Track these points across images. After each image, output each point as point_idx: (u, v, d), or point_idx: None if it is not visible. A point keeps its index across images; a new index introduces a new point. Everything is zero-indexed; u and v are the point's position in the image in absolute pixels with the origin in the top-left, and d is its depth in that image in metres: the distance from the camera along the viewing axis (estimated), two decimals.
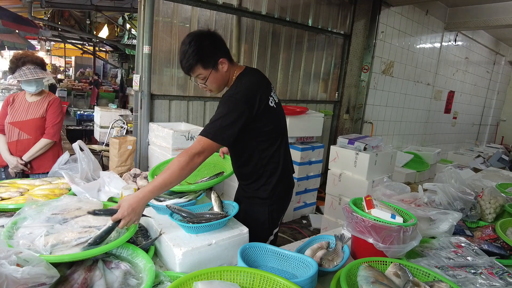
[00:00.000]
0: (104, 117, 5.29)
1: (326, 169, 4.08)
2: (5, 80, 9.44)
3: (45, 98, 2.56)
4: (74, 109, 8.28)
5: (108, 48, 13.63)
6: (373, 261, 1.25)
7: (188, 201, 1.65)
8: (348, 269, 1.17)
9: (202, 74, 1.59)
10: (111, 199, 1.73)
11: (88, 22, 9.37)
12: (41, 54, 11.74)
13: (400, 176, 5.26)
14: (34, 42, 11.77)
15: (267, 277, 1.09)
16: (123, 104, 8.80)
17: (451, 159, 7.58)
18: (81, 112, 7.63)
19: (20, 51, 3.24)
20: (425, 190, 2.02)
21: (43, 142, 2.51)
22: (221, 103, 1.56)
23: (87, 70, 15.65)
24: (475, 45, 8.27)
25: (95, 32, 10.06)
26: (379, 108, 6.13)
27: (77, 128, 6.89)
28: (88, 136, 6.49)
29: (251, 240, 1.39)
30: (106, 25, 10.13)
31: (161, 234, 1.42)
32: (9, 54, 11.19)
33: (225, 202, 1.66)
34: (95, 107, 6.35)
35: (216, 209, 1.58)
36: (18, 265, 0.96)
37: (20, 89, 2.83)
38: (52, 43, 14.38)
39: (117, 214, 1.26)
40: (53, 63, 16.85)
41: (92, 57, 14.15)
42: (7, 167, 2.52)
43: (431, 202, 1.90)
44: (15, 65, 2.40)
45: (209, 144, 1.46)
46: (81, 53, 15.32)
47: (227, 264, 1.43)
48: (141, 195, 1.31)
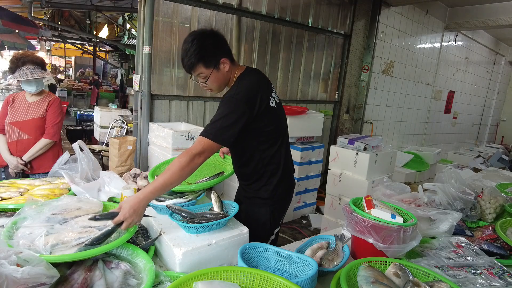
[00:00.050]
0: (104, 117, 5.29)
1: (326, 169, 4.08)
2: (5, 80, 9.44)
3: (45, 98, 2.56)
4: (74, 109, 8.29)
5: (108, 48, 13.63)
6: (373, 261, 1.25)
7: (188, 201, 1.65)
8: (348, 269, 1.17)
9: (203, 73, 1.59)
10: (111, 199, 1.73)
11: (88, 22, 9.38)
12: (41, 54, 11.73)
13: (400, 176, 5.26)
14: (34, 42, 11.77)
15: (267, 277, 1.09)
16: (123, 104, 8.80)
17: (451, 159, 7.58)
18: (81, 112, 7.64)
19: (20, 51, 3.24)
20: (425, 190, 2.02)
21: (43, 142, 2.51)
22: (222, 104, 1.55)
23: (87, 70, 15.65)
24: (475, 45, 8.27)
25: (95, 32, 10.06)
26: (379, 108, 6.13)
27: (77, 128, 6.89)
28: (88, 136, 6.49)
29: (252, 240, 1.39)
30: (106, 25, 10.13)
31: (161, 234, 1.42)
32: (9, 54, 11.19)
33: (225, 202, 1.66)
34: (95, 107, 6.36)
35: (216, 209, 1.58)
36: (18, 265, 0.96)
37: (20, 89, 2.83)
38: (52, 43, 14.39)
39: (118, 217, 1.25)
40: (53, 63, 16.86)
41: (92, 57, 14.15)
42: (7, 167, 2.52)
43: (431, 202, 1.90)
44: (15, 65, 2.40)
45: (209, 144, 1.46)
46: (81, 53, 15.33)
47: (227, 264, 1.43)
48: (142, 196, 1.31)
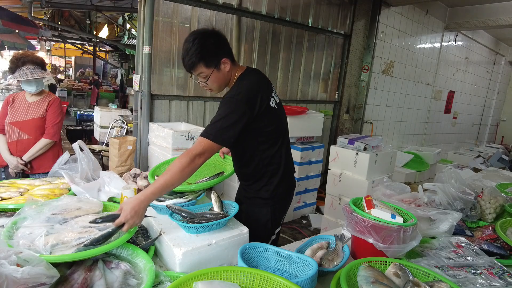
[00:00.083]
0: (104, 117, 5.29)
1: (326, 169, 4.08)
2: (5, 80, 9.44)
3: (45, 98, 2.56)
4: (74, 109, 8.29)
5: (108, 48, 13.63)
6: (373, 261, 1.25)
7: (188, 201, 1.65)
8: (348, 269, 1.17)
9: (203, 73, 1.58)
10: (111, 199, 1.73)
11: (88, 22, 9.38)
12: (41, 54, 11.74)
13: (400, 176, 5.26)
14: (34, 42, 11.77)
15: (267, 277, 1.09)
16: (123, 104, 8.80)
17: (451, 159, 7.58)
18: (81, 112, 7.64)
19: (20, 51, 3.24)
20: (425, 190, 2.02)
21: (43, 142, 2.50)
22: (222, 104, 1.55)
23: (87, 70, 15.65)
24: (475, 45, 8.27)
25: (95, 32, 10.06)
26: (379, 108, 6.13)
27: (77, 128, 6.89)
28: (88, 136, 6.49)
29: (253, 241, 1.39)
30: (106, 25, 10.13)
31: (161, 234, 1.42)
32: (9, 54, 11.19)
33: (225, 202, 1.66)
34: (95, 107, 6.36)
35: (216, 209, 1.58)
36: (18, 265, 0.96)
37: (20, 89, 2.82)
38: (52, 43, 14.39)
39: (120, 218, 1.25)
40: (53, 63, 16.85)
41: (92, 57, 14.15)
42: (7, 167, 2.52)
43: (431, 202, 1.90)
44: (15, 65, 2.40)
45: (210, 145, 1.46)
46: (81, 53, 15.34)
47: (227, 264, 1.43)
48: (142, 197, 1.31)
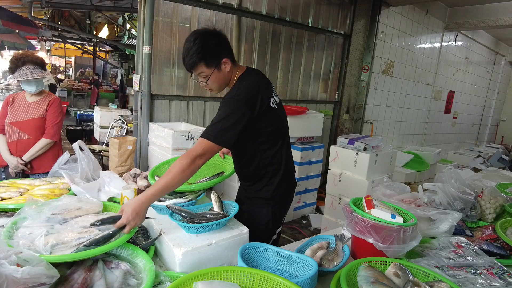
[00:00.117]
0: (104, 117, 5.29)
1: (326, 169, 4.08)
2: (5, 80, 9.44)
3: (45, 98, 2.56)
4: (74, 109, 8.29)
5: (108, 48, 13.63)
6: (373, 261, 1.25)
7: (188, 201, 1.65)
8: (348, 269, 1.17)
9: (204, 73, 1.59)
10: (111, 199, 1.73)
11: (88, 22, 9.37)
12: (41, 54, 11.74)
13: (400, 176, 5.26)
14: (34, 42, 11.77)
15: (267, 277, 1.09)
16: (123, 104, 8.80)
17: (451, 159, 7.58)
18: (81, 112, 7.64)
19: (20, 51, 3.24)
20: (425, 190, 2.02)
21: (43, 142, 2.50)
22: (223, 105, 1.55)
23: (87, 70, 15.65)
24: (475, 45, 8.27)
25: (95, 32, 10.06)
26: (379, 108, 6.13)
27: (77, 128, 6.89)
28: (88, 136, 6.49)
29: (255, 241, 1.39)
30: (106, 25, 10.13)
31: (161, 234, 1.42)
32: (9, 54, 11.20)
33: (225, 202, 1.66)
34: (95, 107, 6.36)
35: (216, 209, 1.58)
36: (18, 265, 0.96)
37: (20, 89, 2.82)
38: (52, 43, 14.39)
39: (121, 220, 1.26)
40: (53, 63, 16.86)
41: (92, 57, 14.15)
42: (7, 167, 2.52)
43: (431, 202, 1.90)
44: (15, 65, 2.40)
45: (210, 146, 1.46)
46: (81, 53, 15.34)
47: (227, 264, 1.43)
48: (143, 198, 1.32)
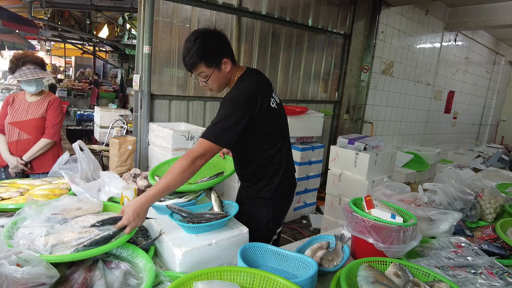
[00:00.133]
0: (104, 117, 5.29)
1: (326, 169, 4.08)
2: (5, 80, 9.44)
3: (45, 98, 2.56)
4: (74, 109, 8.29)
5: (108, 48, 13.63)
6: (373, 261, 1.25)
7: (188, 201, 1.65)
8: (348, 269, 1.17)
9: (204, 73, 1.58)
10: (111, 199, 1.73)
11: (88, 22, 9.37)
12: (41, 54, 11.74)
13: (400, 176, 5.25)
14: (34, 42, 11.77)
15: (267, 277, 1.09)
16: (123, 104, 8.80)
17: (451, 159, 7.58)
18: (81, 112, 7.64)
19: (20, 51, 3.24)
20: (425, 190, 2.02)
21: (43, 142, 2.50)
22: (223, 105, 1.55)
23: (87, 70, 15.65)
24: (475, 45, 8.27)
25: (95, 32, 10.06)
26: (379, 108, 6.13)
27: (77, 128, 6.89)
28: (88, 136, 6.49)
29: (255, 241, 1.39)
30: (106, 25, 10.13)
31: (161, 234, 1.42)
32: (9, 54, 11.20)
33: (225, 202, 1.66)
34: (95, 107, 6.36)
35: (216, 209, 1.58)
36: (18, 265, 0.96)
37: (20, 89, 2.82)
38: (52, 43, 14.39)
39: (122, 221, 1.26)
40: (53, 63, 16.85)
41: (92, 57, 14.15)
42: (7, 167, 2.52)
43: (431, 202, 1.90)
44: (15, 65, 2.40)
45: (210, 146, 1.46)
46: (81, 53, 15.33)
47: (227, 264, 1.43)
48: (144, 199, 1.32)
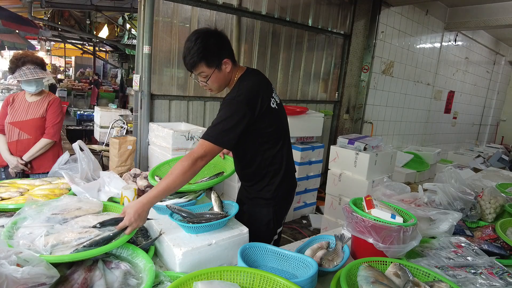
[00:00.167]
0: (104, 117, 5.29)
1: (326, 169, 4.08)
2: (5, 80, 9.44)
3: (45, 98, 2.56)
4: (74, 109, 8.29)
5: (108, 48, 13.62)
6: (373, 261, 1.25)
7: (188, 201, 1.65)
8: (348, 269, 1.17)
9: (204, 72, 1.58)
10: (111, 199, 1.73)
11: (88, 22, 9.37)
12: (41, 54, 11.74)
13: (400, 176, 5.25)
14: (34, 42, 11.77)
15: (267, 277, 1.09)
16: (123, 104, 8.80)
17: (451, 159, 7.58)
18: (81, 112, 7.64)
19: (20, 51, 3.24)
20: (425, 190, 2.02)
21: (43, 142, 2.50)
22: (223, 106, 1.55)
23: (87, 70, 15.65)
24: (475, 45, 8.27)
25: (95, 32, 10.06)
26: (379, 108, 6.13)
27: (77, 128, 6.89)
28: (88, 136, 6.49)
29: (256, 241, 1.39)
30: (106, 25, 10.13)
31: (161, 234, 1.42)
32: (9, 54, 11.20)
33: (225, 202, 1.66)
34: (95, 107, 6.36)
35: (216, 209, 1.58)
36: (18, 265, 0.96)
37: (20, 89, 2.83)
38: (52, 43, 14.39)
39: (123, 221, 1.27)
40: (53, 63, 16.85)
41: (92, 57, 14.15)
42: (7, 167, 2.52)
43: (431, 202, 1.90)
44: (15, 65, 2.40)
45: (211, 147, 1.47)
46: (81, 53, 15.33)
47: (227, 264, 1.43)
48: (145, 200, 1.33)
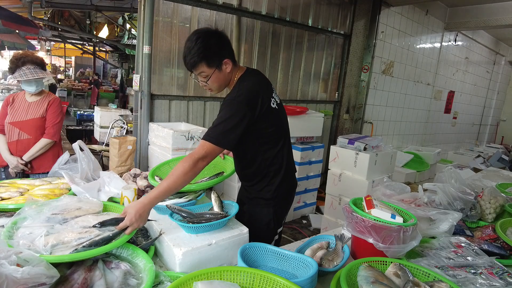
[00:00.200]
0: (104, 117, 5.29)
1: (326, 169, 4.08)
2: (5, 80, 9.44)
3: (45, 98, 2.56)
4: (74, 109, 8.29)
5: (108, 48, 13.62)
6: (373, 261, 1.25)
7: (188, 201, 1.65)
8: (348, 269, 1.17)
9: (205, 72, 1.58)
10: (111, 199, 1.73)
11: (88, 22, 9.37)
12: (41, 54, 11.74)
13: (400, 176, 5.25)
14: (34, 42, 11.77)
15: (267, 277, 1.09)
16: (123, 104, 8.80)
17: (451, 159, 7.58)
18: (81, 112, 7.64)
19: (20, 51, 3.24)
20: (425, 190, 2.02)
21: (43, 142, 2.50)
22: (223, 106, 1.55)
23: (87, 70, 15.65)
24: (475, 45, 8.27)
25: (95, 32, 10.06)
26: (379, 108, 6.13)
27: (77, 128, 6.89)
28: (88, 136, 6.49)
29: (257, 241, 1.39)
30: (106, 25, 10.13)
31: (161, 234, 1.42)
32: (9, 54, 11.20)
33: (225, 202, 1.66)
34: (95, 107, 6.36)
35: (216, 209, 1.58)
36: (18, 265, 0.96)
37: (20, 89, 2.83)
38: (52, 43, 14.39)
39: (124, 222, 1.27)
40: (53, 63, 16.85)
41: (92, 57, 14.15)
42: (7, 167, 2.52)
43: (431, 202, 1.90)
44: (15, 65, 2.40)
45: (212, 148, 1.47)
46: (81, 53, 15.33)
47: (227, 264, 1.43)
48: (146, 201, 1.33)
